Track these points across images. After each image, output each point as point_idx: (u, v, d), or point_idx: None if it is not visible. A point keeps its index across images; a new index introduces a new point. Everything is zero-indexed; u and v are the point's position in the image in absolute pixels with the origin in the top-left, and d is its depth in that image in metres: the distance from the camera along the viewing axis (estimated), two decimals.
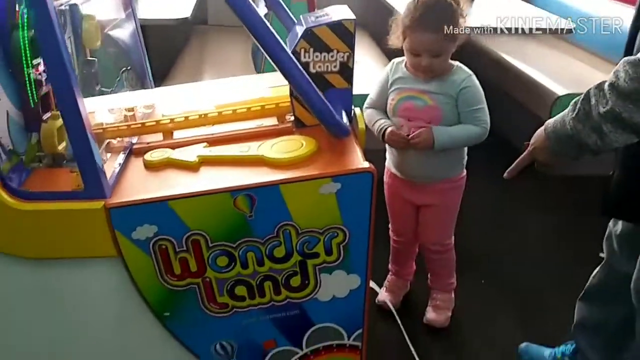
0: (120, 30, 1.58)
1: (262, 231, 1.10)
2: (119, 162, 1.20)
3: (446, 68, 1.65)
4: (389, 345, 1.75)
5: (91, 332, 1.17)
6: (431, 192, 1.75)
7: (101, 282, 1.13)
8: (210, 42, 3.30)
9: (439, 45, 1.57)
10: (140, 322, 1.17)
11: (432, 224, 1.81)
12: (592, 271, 2.13)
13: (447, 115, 1.65)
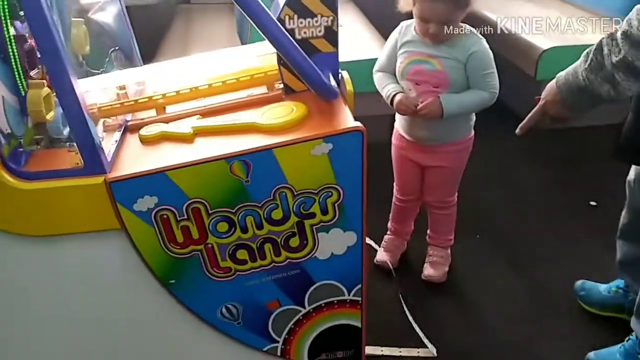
0: (105, 12, 1.59)
1: (259, 195, 1.14)
2: (115, 139, 1.22)
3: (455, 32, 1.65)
4: (388, 301, 1.82)
5: (98, 305, 1.21)
6: (439, 154, 1.79)
7: (106, 255, 1.17)
8: (195, 21, 3.30)
9: (448, 13, 1.58)
10: (146, 292, 1.21)
11: (438, 183, 1.86)
12: (582, 220, 2.20)
13: (456, 79, 1.67)
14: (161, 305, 1.23)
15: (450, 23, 1.61)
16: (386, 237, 2.02)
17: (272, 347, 1.32)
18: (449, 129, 1.75)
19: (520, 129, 1.39)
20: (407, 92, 1.70)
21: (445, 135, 1.76)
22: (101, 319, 1.23)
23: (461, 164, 1.83)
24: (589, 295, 1.79)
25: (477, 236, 2.15)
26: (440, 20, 1.59)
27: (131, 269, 1.17)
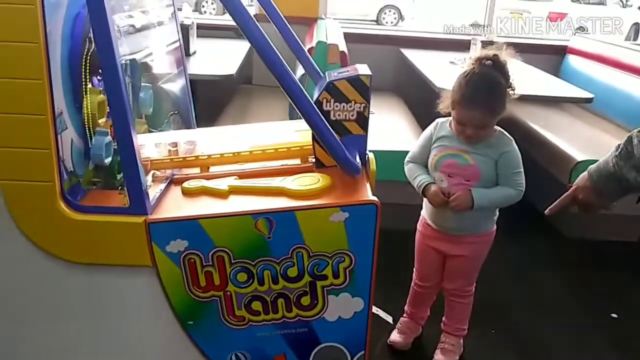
0: (171, 83, 1.81)
1: (279, 252, 1.26)
2: (160, 188, 1.38)
3: (489, 134, 1.79)
4: None
5: (123, 333, 1.33)
6: (463, 244, 1.87)
7: (135, 289, 1.29)
8: (253, 99, 3.56)
9: (484, 120, 1.73)
10: (166, 328, 1.32)
11: (459, 272, 1.93)
12: (601, 331, 2.21)
13: (486, 175, 1.78)
14: (177, 344, 1.33)
15: (486, 128, 1.75)
16: (402, 320, 2.07)
17: None
18: (475, 222, 1.84)
19: (549, 210, 1.48)
20: (439, 183, 1.82)
21: (471, 227, 1.85)
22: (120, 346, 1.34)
23: (482, 255, 1.91)
24: None
25: (492, 331, 2.17)
26: (476, 125, 1.72)
27: (156, 304, 1.29)
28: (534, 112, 3.50)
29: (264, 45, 1.22)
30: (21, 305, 1.31)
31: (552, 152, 3.01)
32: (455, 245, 1.88)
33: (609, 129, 3.28)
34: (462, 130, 1.75)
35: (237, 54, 3.09)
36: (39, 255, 1.25)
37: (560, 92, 3.04)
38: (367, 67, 1.44)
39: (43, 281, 1.28)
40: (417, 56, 3.56)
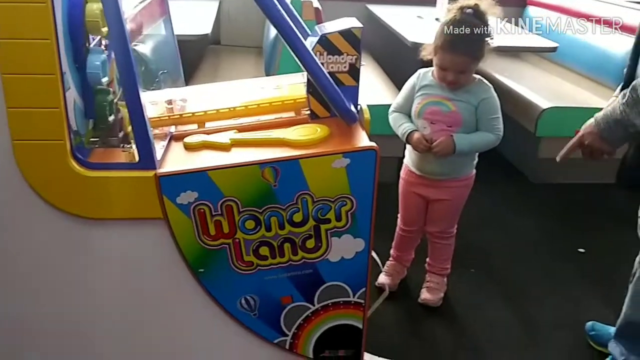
0: (158, 41, 1.82)
1: (284, 199, 1.32)
2: (162, 145, 1.42)
3: (469, 81, 1.89)
4: (387, 320, 1.97)
5: (134, 283, 1.38)
6: (445, 189, 1.98)
7: (147, 240, 1.34)
8: (223, 59, 3.56)
9: (464, 65, 1.82)
10: (177, 277, 1.37)
11: (441, 215, 2.05)
12: (573, 264, 2.38)
13: (467, 121, 1.88)
14: (189, 291, 1.39)
15: (466, 72, 1.84)
16: (388, 263, 2.19)
17: (282, 340, 1.48)
18: (456, 166, 1.95)
19: (559, 157, 1.57)
20: (422, 130, 1.91)
21: (453, 171, 1.96)
22: (134, 295, 1.39)
23: (463, 198, 2.03)
24: (599, 336, 1.93)
25: (472, 270, 2.31)
26: (457, 70, 1.82)
27: (167, 254, 1.35)
28: (497, 63, 3.61)
29: None
30: (37, 264, 1.34)
31: (518, 101, 3.14)
32: (438, 190, 1.98)
33: (571, 77, 3.43)
34: (443, 75, 1.84)
35: (207, 14, 3.08)
36: (52, 213, 1.28)
37: (525, 42, 3.14)
38: (356, 20, 1.49)
39: (57, 238, 1.32)
40: (384, 12, 3.61)
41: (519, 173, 3.21)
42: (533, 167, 3.15)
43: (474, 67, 1.86)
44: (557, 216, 2.81)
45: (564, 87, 3.32)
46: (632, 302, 1.71)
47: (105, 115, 1.35)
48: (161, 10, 1.84)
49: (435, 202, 2.01)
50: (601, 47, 3.15)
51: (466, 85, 1.87)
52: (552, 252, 2.49)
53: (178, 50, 1.85)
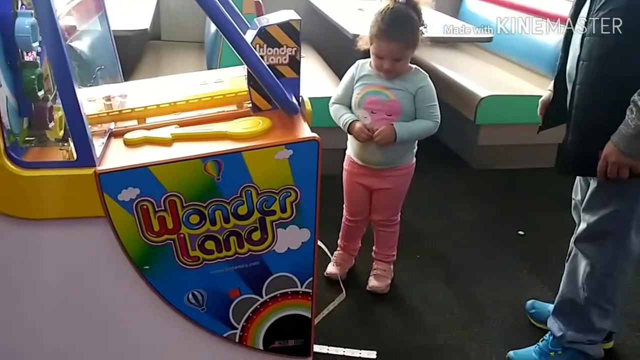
0: (94, 36, 1.78)
1: (228, 192, 1.33)
2: (102, 142, 1.39)
3: (405, 69, 1.93)
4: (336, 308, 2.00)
5: (80, 285, 1.36)
6: (387, 178, 2.02)
7: (89, 239, 1.32)
8: (164, 55, 3.51)
9: (400, 52, 1.86)
10: (121, 275, 1.36)
11: (385, 204, 2.09)
12: (512, 246, 2.47)
13: (406, 109, 1.92)
14: (134, 289, 1.38)
15: (401, 60, 1.88)
16: (336, 253, 2.21)
17: (231, 333, 1.48)
18: (397, 155, 1.99)
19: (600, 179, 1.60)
20: (363, 120, 1.94)
21: (394, 160, 2.00)
22: (77, 296, 1.37)
23: (405, 186, 2.07)
24: (539, 314, 2.02)
25: (417, 256, 2.37)
26: (393, 57, 1.86)
27: (110, 253, 1.33)
28: (437, 54, 3.70)
29: None
30: None
31: (457, 90, 3.23)
32: (380, 179, 2.02)
33: (507, 66, 3.54)
34: (380, 64, 1.88)
35: (145, 9, 3.02)
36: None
37: (463, 33, 3.22)
38: (294, 13, 1.50)
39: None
40: (325, 4, 3.62)
41: (461, 160, 3.30)
42: (474, 154, 3.25)
43: (409, 55, 1.90)
44: (497, 201, 2.90)
45: (500, 76, 3.43)
46: (568, 279, 1.80)
47: (34, 91, 1.29)
48: (97, 6, 1.80)
49: (377, 191, 2.05)
50: (534, 37, 3.26)
51: (403, 74, 1.92)
52: (493, 236, 2.58)
53: (115, 46, 1.81)
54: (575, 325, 1.78)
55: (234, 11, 1.74)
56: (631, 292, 2.19)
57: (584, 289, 1.74)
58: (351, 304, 2.02)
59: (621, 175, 1.53)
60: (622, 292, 1.79)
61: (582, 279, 1.74)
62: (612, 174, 1.53)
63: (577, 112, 1.60)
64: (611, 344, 1.92)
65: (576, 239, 1.76)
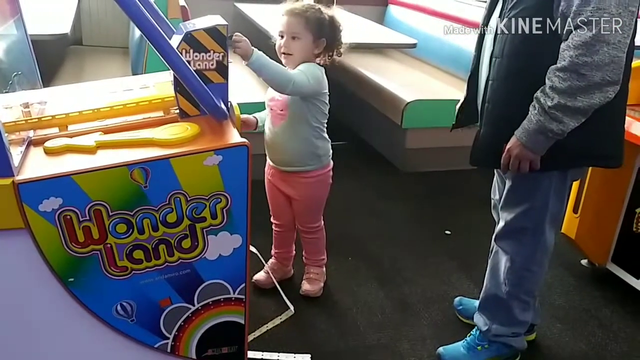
0: (8, 40, 1.70)
1: (156, 200, 1.30)
2: (20, 151, 1.33)
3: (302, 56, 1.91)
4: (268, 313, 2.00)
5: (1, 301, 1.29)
6: (297, 185, 2.02)
7: (8, 253, 1.26)
8: (86, 61, 3.40)
9: (296, 27, 1.88)
10: (45, 289, 1.30)
11: (302, 211, 2.10)
12: (440, 245, 2.54)
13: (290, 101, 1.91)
14: (58, 303, 1.33)
15: (299, 38, 1.87)
16: (269, 261, 2.21)
17: (163, 343, 1.45)
18: (298, 156, 1.98)
19: (502, 170, 1.68)
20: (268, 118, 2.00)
21: (296, 161, 1.99)
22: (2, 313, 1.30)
23: (319, 193, 2.08)
24: (466, 310, 2.09)
25: (349, 258, 2.41)
26: (290, 32, 1.88)
27: (32, 266, 1.27)
28: (363, 60, 3.77)
29: None
30: None
31: (384, 95, 3.30)
32: (290, 186, 2.03)
33: (431, 72, 3.66)
34: (280, 44, 1.91)
35: (65, 12, 2.92)
36: None
37: (387, 39, 3.31)
38: (221, 18, 1.49)
39: None
40: (252, 10, 3.62)
41: (389, 163, 3.37)
42: (401, 157, 3.33)
43: (308, 41, 1.89)
44: (425, 202, 2.99)
45: (424, 80, 3.54)
46: (490, 275, 1.88)
47: None
48: (11, 10, 1.72)
49: (294, 199, 2.07)
50: (455, 43, 3.39)
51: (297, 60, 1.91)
52: (422, 236, 2.65)
53: (33, 51, 1.74)
54: (499, 319, 1.86)
55: (159, 15, 1.71)
56: (551, 285, 2.31)
57: (505, 284, 1.82)
58: (281, 307, 2.02)
59: (522, 168, 1.61)
60: (540, 285, 1.89)
61: (503, 274, 1.82)
62: (513, 167, 1.61)
63: (489, 105, 1.69)
64: (534, 336, 2.02)
65: (496, 237, 1.84)
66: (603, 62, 1.43)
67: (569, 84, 1.46)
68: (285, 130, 1.95)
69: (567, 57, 1.46)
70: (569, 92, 1.47)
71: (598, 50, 1.42)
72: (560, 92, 1.48)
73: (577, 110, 1.48)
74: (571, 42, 1.46)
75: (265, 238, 2.19)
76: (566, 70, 1.46)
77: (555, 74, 1.49)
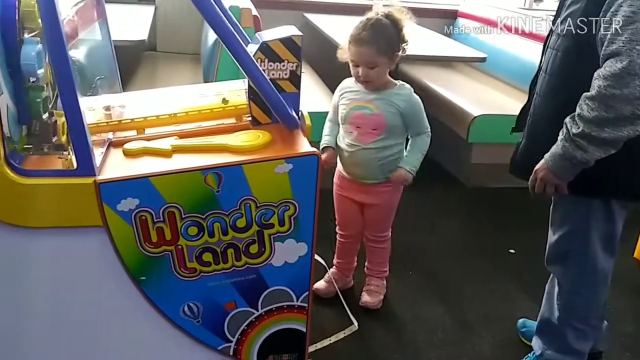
0: (95, 40, 1.78)
1: (227, 205, 1.33)
2: (101, 151, 1.39)
3: (387, 82, 1.95)
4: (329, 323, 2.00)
5: (73, 294, 1.35)
6: (375, 193, 2.03)
7: (86, 249, 1.31)
8: (160, 66, 3.51)
9: (370, 57, 1.88)
10: (117, 286, 1.35)
11: (374, 220, 2.10)
12: (503, 264, 2.48)
13: (391, 122, 1.94)
14: (129, 300, 1.37)
15: (375, 66, 1.89)
16: (330, 271, 2.21)
17: (226, 346, 1.47)
18: (382, 169, 2.00)
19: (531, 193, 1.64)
20: (349, 135, 1.97)
21: (379, 174, 2.00)
22: (72, 305, 1.36)
23: (394, 202, 2.09)
24: (530, 332, 2.01)
25: (410, 273, 2.38)
26: (365, 63, 1.88)
27: (107, 263, 1.32)
28: (431, 73, 3.74)
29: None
30: None
31: (451, 109, 3.26)
32: (368, 195, 2.04)
33: (500, 87, 3.59)
34: (356, 72, 1.91)
35: (142, 19, 3.03)
36: None
37: (456, 52, 3.27)
38: (295, 28, 1.52)
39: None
40: (322, 21, 3.66)
41: (453, 178, 3.33)
42: (466, 172, 3.28)
43: (383, 64, 1.90)
44: (488, 218, 2.93)
45: (493, 95, 3.47)
46: (546, 299, 1.82)
47: (39, 113, 1.30)
48: (96, 14, 1.80)
49: (367, 206, 2.07)
50: (525, 57, 3.31)
51: (387, 87, 1.95)
52: (484, 253, 2.60)
53: (115, 56, 1.82)
54: (554, 345, 1.80)
55: (236, 24, 1.76)
56: (620, 312, 2.22)
57: (557, 309, 1.76)
58: (343, 319, 2.02)
59: (547, 192, 1.56)
60: (599, 312, 1.80)
61: (556, 299, 1.76)
62: (538, 190, 1.57)
63: (530, 119, 1.69)
64: None
65: (546, 260, 1.80)
66: (633, 96, 1.35)
67: (597, 114, 1.40)
68: (378, 147, 1.96)
69: (596, 87, 1.40)
70: (595, 122, 1.41)
71: (628, 83, 1.35)
72: (587, 121, 1.42)
73: (603, 141, 1.42)
74: (602, 72, 1.40)
75: (326, 247, 2.20)
76: (594, 99, 1.40)
77: (585, 101, 1.43)
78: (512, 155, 1.76)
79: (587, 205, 1.63)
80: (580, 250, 1.68)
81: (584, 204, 1.63)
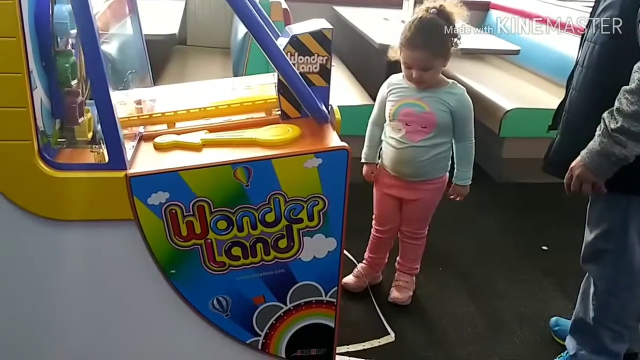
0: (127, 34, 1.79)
1: (256, 199, 1.33)
2: (132, 145, 1.40)
3: (440, 81, 1.92)
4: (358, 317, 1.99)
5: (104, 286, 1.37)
6: (418, 190, 2.01)
7: (117, 242, 1.33)
8: (190, 60, 3.54)
9: (425, 61, 1.84)
10: (147, 279, 1.36)
11: (414, 216, 2.08)
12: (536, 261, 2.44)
13: (442, 121, 1.91)
14: (159, 293, 1.38)
15: (430, 69, 1.86)
16: (360, 265, 2.20)
17: (254, 340, 1.48)
18: (430, 169, 1.98)
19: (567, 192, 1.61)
20: (397, 132, 1.94)
21: (426, 173, 1.99)
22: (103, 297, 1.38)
23: (436, 199, 2.07)
24: (563, 331, 1.98)
25: (439, 269, 2.35)
26: (420, 66, 1.84)
27: (137, 256, 1.33)
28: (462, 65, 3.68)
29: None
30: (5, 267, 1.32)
31: (483, 103, 3.20)
32: (411, 191, 2.01)
33: (533, 80, 3.51)
34: (409, 74, 1.88)
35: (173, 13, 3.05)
36: (19, 214, 1.25)
37: (489, 45, 3.21)
38: (326, 22, 1.50)
39: (23, 239, 1.29)
40: (351, 13, 3.63)
41: (484, 173, 3.27)
42: (497, 167, 3.22)
43: (438, 65, 1.88)
44: (520, 214, 2.88)
45: (525, 89, 3.40)
46: (581, 299, 1.78)
47: (68, 79, 1.30)
48: (128, 8, 1.82)
49: (408, 202, 2.04)
50: (560, 50, 3.23)
51: (439, 86, 1.91)
52: (516, 250, 2.56)
53: (146, 50, 1.83)
54: (589, 345, 1.76)
55: (266, 18, 1.75)
56: None
57: (592, 309, 1.72)
58: (372, 314, 2.01)
59: (584, 190, 1.52)
60: (635, 313, 1.75)
61: (591, 299, 1.72)
62: (574, 187, 1.53)
63: (567, 115, 1.64)
64: None
65: (581, 258, 1.75)
66: None
67: (636, 108, 1.35)
68: (427, 145, 1.93)
69: (636, 80, 1.36)
70: (635, 116, 1.36)
71: None
72: (626, 115, 1.37)
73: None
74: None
75: (356, 242, 2.18)
76: (634, 93, 1.36)
77: (624, 95, 1.38)
78: (546, 152, 1.72)
79: (626, 203, 1.58)
80: (617, 249, 1.64)
81: (622, 201, 1.58)
